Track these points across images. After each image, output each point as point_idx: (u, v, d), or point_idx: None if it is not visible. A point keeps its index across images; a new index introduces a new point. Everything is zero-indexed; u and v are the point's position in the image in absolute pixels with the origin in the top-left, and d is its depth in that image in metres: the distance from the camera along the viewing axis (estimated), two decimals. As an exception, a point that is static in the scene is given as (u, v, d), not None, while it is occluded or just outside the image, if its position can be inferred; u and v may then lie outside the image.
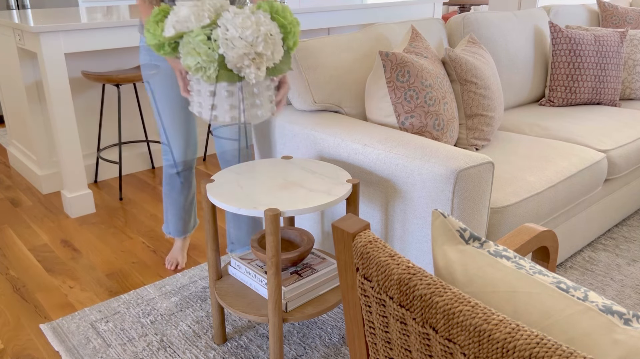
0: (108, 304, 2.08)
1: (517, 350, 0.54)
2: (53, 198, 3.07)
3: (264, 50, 1.45)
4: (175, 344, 1.86)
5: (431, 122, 1.94)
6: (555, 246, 1.17)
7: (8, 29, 2.91)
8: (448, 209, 1.59)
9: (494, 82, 2.25)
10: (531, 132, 2.50)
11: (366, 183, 1.80)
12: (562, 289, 0.66)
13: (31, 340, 1.90)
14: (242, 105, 1.54)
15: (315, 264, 1.75)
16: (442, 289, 0.63)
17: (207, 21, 1.47)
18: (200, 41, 1.44)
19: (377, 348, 0.81)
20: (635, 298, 2.10)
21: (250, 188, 1.62)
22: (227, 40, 1.43)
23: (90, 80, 2.91)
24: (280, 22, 1.52)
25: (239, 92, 1.53)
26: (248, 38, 1.43)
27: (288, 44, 1.56)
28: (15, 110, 3.25)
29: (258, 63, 1.45)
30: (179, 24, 1.48)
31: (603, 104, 2.87)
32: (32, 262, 2.40)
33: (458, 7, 6.63)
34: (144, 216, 2.82)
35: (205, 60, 1.44)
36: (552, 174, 2.00)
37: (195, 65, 1.46)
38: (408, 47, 2.07)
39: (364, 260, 0.74)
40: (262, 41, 1.44)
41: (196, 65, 1.46)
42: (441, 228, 0.78)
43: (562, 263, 2.33)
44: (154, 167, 3.52)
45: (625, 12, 3.26)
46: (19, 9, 4.38)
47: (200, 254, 2.44)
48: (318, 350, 1.82)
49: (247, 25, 1.43)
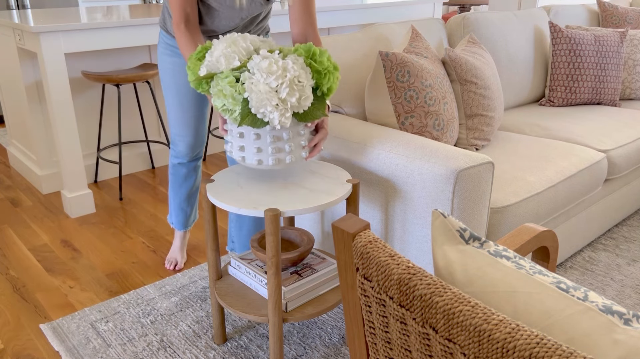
0: (108, 304, 2.08)
1: (517, 350, 0.54)
2: (53, 198, 3.07)
3: (287, 96, 1.43)
4: (175, 344, 1.86)
5: (431, 122, 1.94)
6: (555, 246, 1.17)
7: (8, 29, 2.91)
8: (448, 209, 1.59)
9: (494, 82, 2.25)
10: (531, 132, 2.50)
11: (366, 183, 1.80)
12: (562, 289, 0.66)
13: (31, 340, 1.90)
14: (269, 149, 1.54)
15: (315, 264, 1.75)
16: (442, 289, 0.63)
17: (237, 63, 1.47)
18: (228, 83, 1.44)
19: (377, 348, 0.81)
20: (635, 298, 2.10)
21: (250, 188, 1.62)
22: (252, 84, 1.43)
23: (90, 80, 2.91)
24: (315, 69, 1.50)
25: (266, 136, 1.53)
26: (272, 84, 1.42)
27: (322, 89, 1.53)
28: (15, 110, 3.25)
29: (282, 109, 1.44)
30: (211, 65, 1.49)
31: (603, 104, 2.87)
32: (32, 262, 2.40)
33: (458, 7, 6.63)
34: (144, 216, 2.82)
35: (231, 103, 1.45)
36: (552, 174, 2.00)
37: (222, 107, 1.48)
38: (408, 47, 2.07)
39: (364, 260, 0.74)
40: (286, 87, 1.42)
41: (222, 107, 1.48)
42: (441, 228, 0.78)
43: (562, 263, 2.33)
44: (154, 167, 3.52)
45: (625, 12, 3.26)
46: (19, 9, 4.38)
47: (200, 254, 2.44)
48: (318, 350, 1.82)
49: (272, 70, 1.42)
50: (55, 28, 2.54)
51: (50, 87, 2.62)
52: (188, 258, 2.40)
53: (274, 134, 1.53)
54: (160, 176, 3.38)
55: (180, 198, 2.22)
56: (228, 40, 1.50)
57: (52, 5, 4.54)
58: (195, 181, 2.21)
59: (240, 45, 1.50)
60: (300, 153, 1.59)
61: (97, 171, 3.28)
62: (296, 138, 1.57)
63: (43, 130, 3.10)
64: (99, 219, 2.80)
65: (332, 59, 1.53)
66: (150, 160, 3.49)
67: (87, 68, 3.17)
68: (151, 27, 2.84)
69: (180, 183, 2.19)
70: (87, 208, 2.86)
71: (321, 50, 1.51)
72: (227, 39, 1.51)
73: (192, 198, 2.25)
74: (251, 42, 1.55)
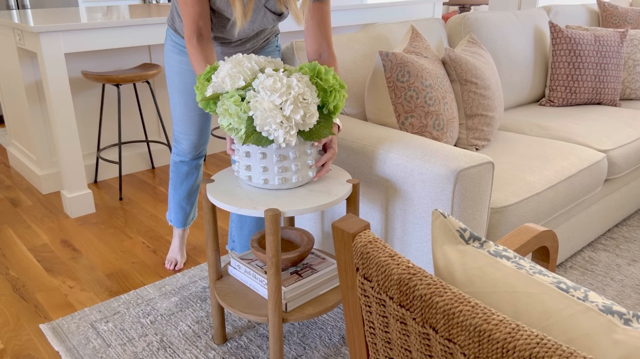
0: (108, 304, 2.08)
1: (517, 350, 0.54)
2: (53, 198, 3.07)
3: (292, 114, 1.43)
4: (175, 344, 1.86)
5: (431, 122, 1.94)
6: (555, 246, 1.17)
7: (8, 29, 2.91)
8: (448, 209, 1.59)
9: (494, 82, 2.25)
10: (531, 132, 2.50)
11: (366, 183, 1.80)
12: (562, 289, 0.66)
13: (31, 340, 1.90)
14: (275, 168, 1.54)
15: (315, 264, 1.75)
16: (442, 289, 0.63)
17: (242, 83, 1.48)
18: (234, 102, 1.45)
19: (377, 348, 0.81)
20: (635, 298, 2.10)
21: (250, 188, 1.62)
22: (257, 102, 1.43)
23: (90, 80, 2.91)
24: (320, 87, 1.50)
25: (272, 155, 1.53)
26: (276, 101, 1.42)
27: (329, 107, 1.53)
28: (15, 110, 3.25)
29: (286, 127, 1.44)
30: (217, 85, 1.50)
31: (603, 104, 2.87)
32: (32, 262, 2.40)
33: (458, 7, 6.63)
34: (144, 216, 2.82)
35: (236, 121, 1.45)
36: (552, 174, 2.00)
37: (228, 126, 1.48)
38: (408, 47, 2.07)
39: (364, 260, 0.74)
40: (290, 105, 1.42)
41: (229, 126, 1.48)
42: (441, 228, 0.78)
43: (562, 263, 2.33)
44: (154, 167, 3.52)
45: (625, 12, 3.26)
46: (19, 9, 4.38)
47: (200, 254, 2.44)
48: (318, 350, 1.82)
49: (276, 87, 1.43)
50: (55, 28, 2.54)
51: (50, 87, 2.62)
52: (188, 258, 2.40)
53: (280, 153, 1.53)
54: (160, 176, 3.38)
55: (180, 196, 2.22)
56: (233, 61, 1.51)
57: (52, 5, 4.54)
58: (196, 180, 2.20)
59: (245, 65, 1.51)
60: (307, 172, 1.59)
61: (97, 171, 3.28)
62: (302, 158, 1.57)
63: (43, 130, 3.10)
64: (99, 219, 2.80)
65: (338, 77, 1.53)
66: (150, 160, 3.49)
67: (87, 68, 3.17)
68: (151, 27, 2.84)
69: (181, 181, 2.18)
70: (87, 208, 2.86)
71: (327, 68, 1.51)
72: (232, 60, 1.51)
73: (193, 197, 2.25)
74: (256, 62, 1.55)
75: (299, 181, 1.58)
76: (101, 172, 3.33)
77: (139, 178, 3.35)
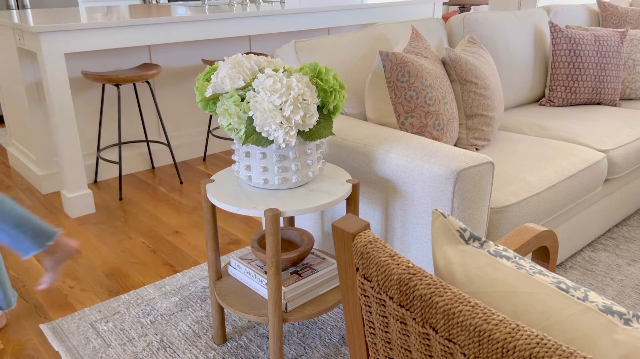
0: (108, 304, 2.08)
1: (517, 350, 0.54)
2: (53, 198, 3.07)
3: (292, 114, 1.43)
4: (175, 344, 1.86)
5: (431, 122, 1.94)
6: (555, 246, 1.17)
7: (8, 29, 2.90)
8: (448, 209, 1.59)
9: (494, 82, 2.24)
10: (531, 132, 2.50)
11: (366, 183, 1.80)
12: (562, 289, 0.66)
13: (31, 340, 1.90)
14: (275, 168, 1.54)
15: (315, 264, 1.75)
16: (442, 289, 0.63)
17: (241, 83, 1.48)
18: (233, 102, 1.45)
19: (377, 348, 0.81)
20: (635, 298, 2.10)
21: (250, 188, 1.62)
22: (256, 102, 1.43)
23: (90, 80, 2.91)
24: (321, 87, 1.50)
25: (272, 155, 1.53)
26: (275, 102, 1.42)
27: (329, 108, 1.54)
28: (15, 110, 3.25)
29: (286, 127, 1.44)
30: (216, 85, 1.50)
31: (603, 104, 2.86)
32: (32, 262, 2.40)
33: (458, 7, 6.63)
34: (143, 216, 2.82)
35: (236, 121, 1.45)
36: (552, 174, 2.00)
37: (227, 126, 1.49)
38: (408, 47, 2.07)
39: (364, 260, 0.74)
40: (290, 105, 1.42)
41: (228, 126, 1.48)
42: (441, 228, 0.78)
43: (562, 263, 2.33)
44: (153, 167, 3.52)
45: (625, 12, 3.26)
46: (19, 8, 4.38)
47: (200, 254, 2.44)
48: (318, 350, 1.82)
49: (276, 88, 1.43)
50: (55, 28, 2.54)
51: (50, 87, 2.62)
52: (188, 258, 2.40)
53: (279, 153, 1.53)
54: (160, 176, 3.38)
55: None
56: (232, 62, 1.51)
57: (52, 5, 4.54)
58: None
59: (244, 65, 1.51)
60: (307, 172, 1.59)
61: (97, 171, 3.28)
62: (302, 158, 1.57)
63: (43, 130, 3.10)
64: (99, 219, 2.80)
65: (338, 78, 1.53)
66: (150, 160, 3.49)
67: (87, 68, 3.17)
68: (151, 27, 2.84)
69: None
70: (87, 208, 2.86)
71: (327, 69, 1.51)
72: (231, 60, 1.51)
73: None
74: (256, 62, 1.55)
75: (299, 181, 1.58)
76: (101, 172, 3.33)
77: (139, 178, 3.35)
